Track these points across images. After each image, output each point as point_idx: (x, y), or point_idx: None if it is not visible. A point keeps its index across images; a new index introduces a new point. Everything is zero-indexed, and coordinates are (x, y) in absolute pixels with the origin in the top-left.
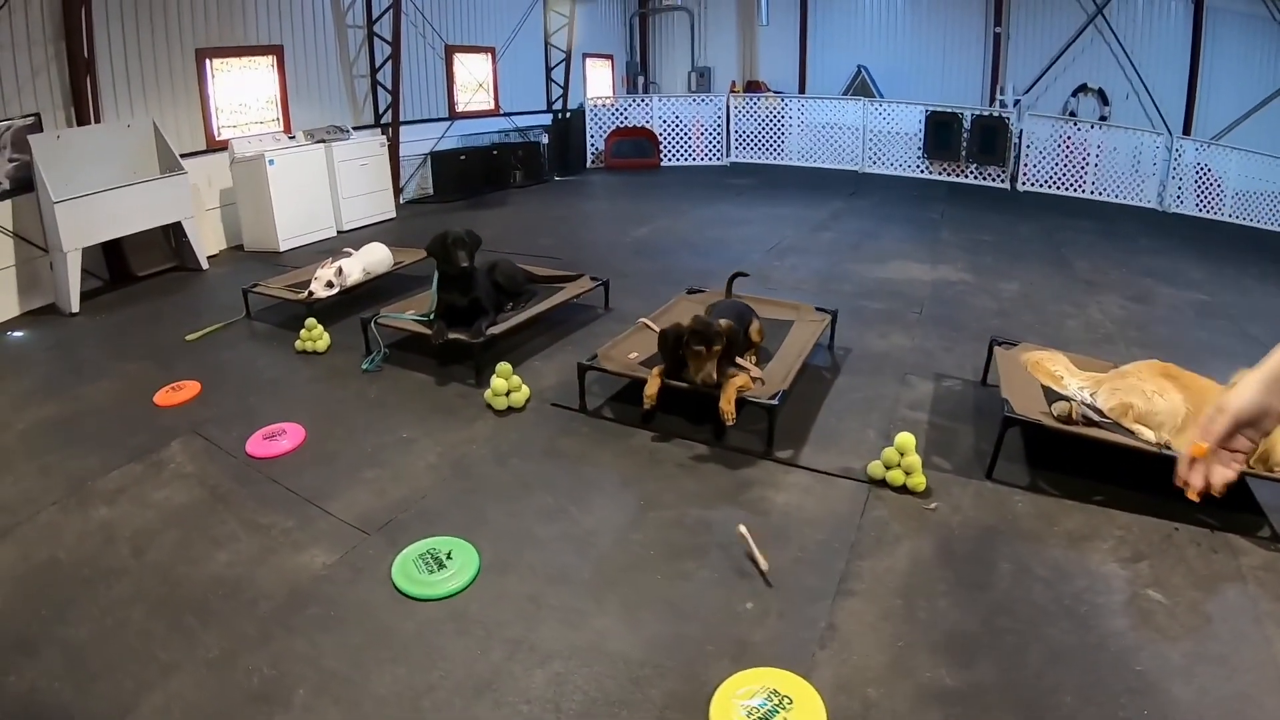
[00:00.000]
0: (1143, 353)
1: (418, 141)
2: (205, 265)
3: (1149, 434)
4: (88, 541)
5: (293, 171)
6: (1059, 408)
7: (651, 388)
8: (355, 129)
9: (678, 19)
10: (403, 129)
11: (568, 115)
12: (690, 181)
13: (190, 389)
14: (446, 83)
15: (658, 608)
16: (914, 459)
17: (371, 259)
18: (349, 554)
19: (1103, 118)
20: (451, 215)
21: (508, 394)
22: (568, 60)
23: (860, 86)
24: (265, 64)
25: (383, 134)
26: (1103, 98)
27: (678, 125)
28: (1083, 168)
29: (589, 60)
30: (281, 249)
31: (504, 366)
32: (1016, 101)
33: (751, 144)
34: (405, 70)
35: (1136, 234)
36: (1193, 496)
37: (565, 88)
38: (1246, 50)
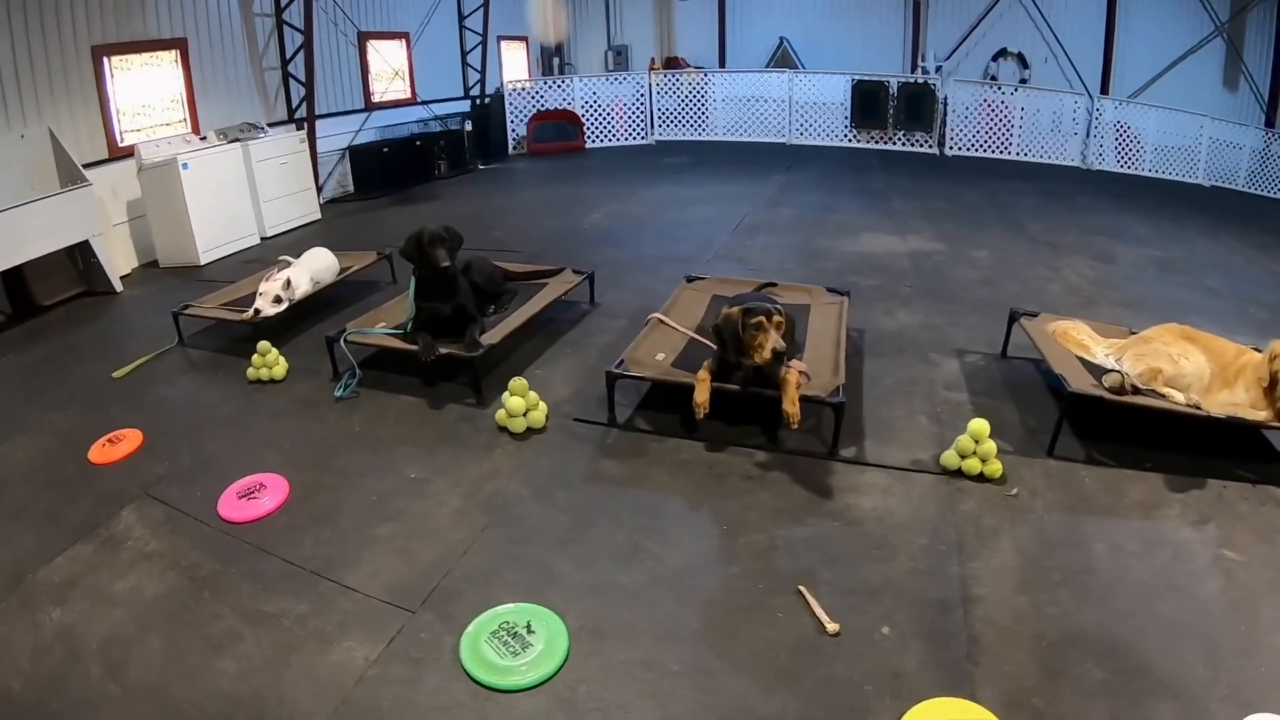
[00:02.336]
0: (1127, 313)
1: (334, 136)
2: (119, 287)
3: (1179, 396)
4: (45, 660)
5: (208, 175)
6: (1110, 379)
7: (702, 394)
8: (269, 125)
9: None
10: (318, 123)
11: (487, 101)
12: (621, 163)
13: (131, 439)
14: (361, 72)
15: (792, 651)
16: (989, 445)
17: (318, 266)
18: (396, 642)
19: (1023, 81)
20: (379, 213)
21: (525, 413)
22: (484, 43)
23: (782, 58)
24: (168, 60)
25: (298, 129)
26: (1022, 61)
27: (598, 106)
28: (1008, 130)
29: (504, 43)
30: (202, 262)
31: (519, 382)
32: (938, 68)
33: (675, 121)
34: (318, 60)
35: (1072, 193)
36: None
37: (482, 72)
38: (1159, 9)
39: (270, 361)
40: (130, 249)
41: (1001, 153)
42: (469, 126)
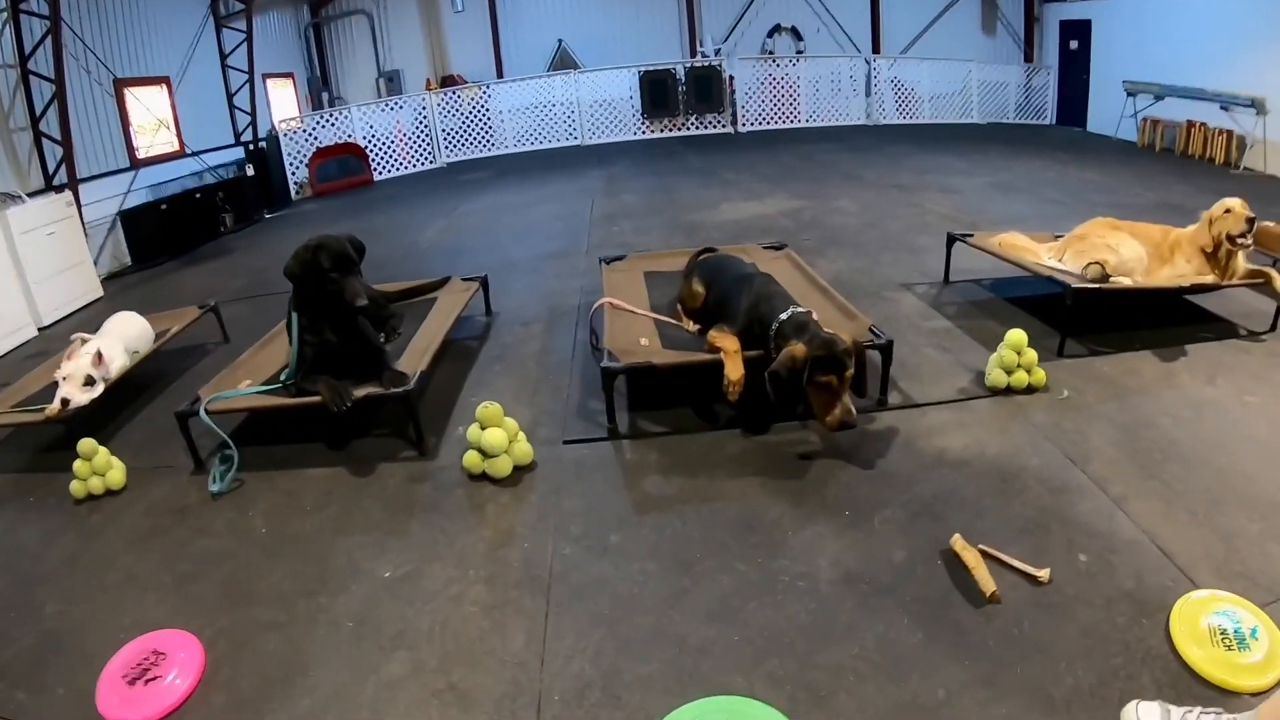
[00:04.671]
0: (1010, 229)
1: (101, 202)
2: None
3: (1127, 280)
4: None
5: None
6: (1091, 271)
7: (736, 369)
8: (27, 196)
9: (356, 24)
10: (82, 188)
11: (261, 145)
12: (420, 188)
13: None
14: (122, 124)
15: (1028, 617)
16: (1031, 354)
17: (130, 333)
18: None
19: (799, 53)
20: (170, 279)
21: (508, 448)
22: (251, 81)
23: (562, 60)
24: None
25: (58, 194)
26: (796, 34)
27: (379, 136)
28: (795, 100)
29: (270, 80)
30: None
31: (490, 409)
32: (717, 50)
33: (462, 141)
34: (73, 114)
35: (876, 145)
36: None
37: (252, 114)
38: None
39: (100, 466)
40: None
41: (792, 122)
42: (251, 171)
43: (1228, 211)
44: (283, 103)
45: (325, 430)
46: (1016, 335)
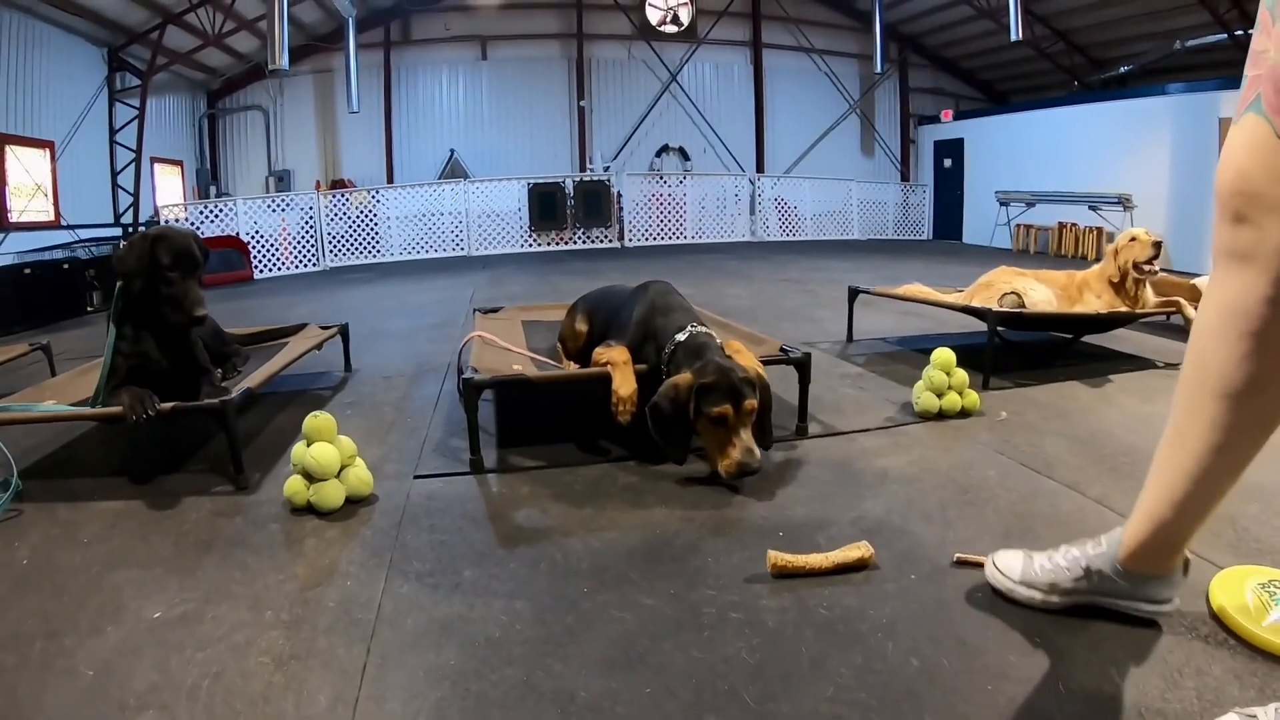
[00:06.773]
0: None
1: None
2: None
3: (1047, 306)
4: None
5: None
6: (1009, 300)
7: (627, 385)
8: None
9: (252, 119)
10: None
11: (142, 229)
12: (300, 284)
13: None
14: None
15: (1045, 621)
16: (963, 374)
17: None
18: None
19: (687, 171)
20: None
21: (340, 471)
22: (138, 160)
23: (453, 170)
24: None
25: None
26: (684, 154)
27: (263, 234)
28: (681, 216)
29: (158, 165)
30: None
31: (319, 420)
32: (606, 168)
33: (347, 246)
34: None
35: (762, 255)
36: None
37: (136, 195)
38: (800, 94)
39: None
40: None
41: (678, 238)
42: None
43: (1133, 240)
44: (168, 189)
45: (132, 462)
46: (944, 354)
